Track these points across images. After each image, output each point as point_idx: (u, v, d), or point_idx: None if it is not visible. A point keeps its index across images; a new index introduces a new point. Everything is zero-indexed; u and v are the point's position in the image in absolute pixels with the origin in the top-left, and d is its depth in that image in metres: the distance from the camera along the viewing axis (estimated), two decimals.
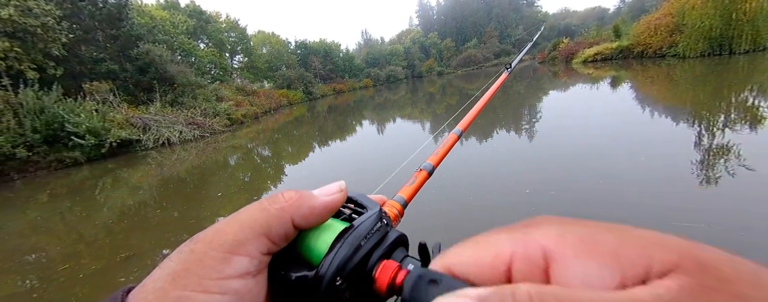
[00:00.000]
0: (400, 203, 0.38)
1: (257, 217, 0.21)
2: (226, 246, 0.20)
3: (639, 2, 42.13)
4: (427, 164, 0.50)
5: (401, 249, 0.26)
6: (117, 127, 9.74)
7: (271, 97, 22.30)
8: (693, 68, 10.84)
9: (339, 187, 0.25)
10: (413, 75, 48.00)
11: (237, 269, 0.20)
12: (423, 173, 0.47)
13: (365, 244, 0.23)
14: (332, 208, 0.24)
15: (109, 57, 12.50)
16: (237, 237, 0.20)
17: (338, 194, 0.25)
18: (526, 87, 14.18)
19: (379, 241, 0.24)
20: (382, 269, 0.23)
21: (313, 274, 0.22)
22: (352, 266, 0.22)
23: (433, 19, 61.40)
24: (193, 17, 24.68)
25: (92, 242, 3.59)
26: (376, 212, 0.25)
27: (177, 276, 0.19)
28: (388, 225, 0.26)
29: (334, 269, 0.22)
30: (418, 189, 0.43)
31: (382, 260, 0.24)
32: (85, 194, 5.76)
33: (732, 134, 3.86)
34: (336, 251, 0.22)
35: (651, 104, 6.55)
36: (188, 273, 0.19)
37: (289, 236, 0.23)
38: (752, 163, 2.95)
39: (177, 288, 0.18)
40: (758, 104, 5.10)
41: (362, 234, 0.23)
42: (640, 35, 17.05)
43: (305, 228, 0.23)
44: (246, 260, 0.20)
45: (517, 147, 4.88)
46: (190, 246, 0.20)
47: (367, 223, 0.24)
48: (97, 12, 12.32)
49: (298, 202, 0.23)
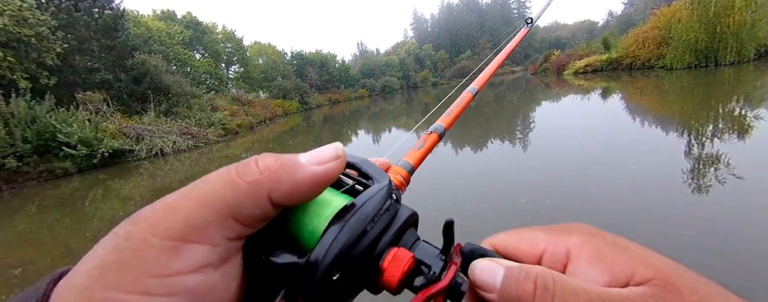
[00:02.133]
0: (406, 169, 0.33)
1: (222, 192, 0.16)
2: (175, 232, 0.15)
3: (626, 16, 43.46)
4: (438, 125, 0.43)
5: (411, 230, 0.22)
6: (109, 137, 9.64)
7: (266, 107, 22.29)
8: (681, 79, 11.11)
9: (335, 152, 0.20)
10: (408, 85, 48.44)
11: (191, 261, 0.15)
12: (433, 136, 0.40)
13: (372, 229, 0.19)
14: (325, 181, 0.19)
15: (103, 67, 12.47)
16: (192, 219, 0.15)
17: (334, 162, 0.19)
18: (520, 98, 14.39)
19: (388, 224, 0.20)
20: (392, 259, 0.19)
21: (303, 262, 0.17)
22: (355, 256, 0.18)
23: (428, 31, 62.45)
24: (189, 28, 24.84)
25: (82, 255, 3.48)
26: (385, 187, 0.20)
27: (107, 271, 0.14)
28: (399, 201, 0.21)
29: (330, 260, 0.17)
30: (427, 154, 0.37)
31: (391, 247, 0.20)
32: (75, 205, 5.64)
33: (721, 143, 3.93)
34: (334, 236, 0.17)
35: (641, 114, 6.67)
36: (122, 266, 0.14)
37: (266, 216, 0.18)
38: (741, 172, 3.00)
39: (106, 288, 0.14)
40: (745, 114, 5.22)
41: (368, 215, 0.19)
42: (629, 48, 17.50)
43: (289, 206, 0.18)
44: (204, 249, 0.15)
45: (512, 157, 4.92)
46: (125, 229, 0.15)
47: (374, 200, 0.19)
48: (92, 22, 12.35)
49: (277, 174, 0.17)
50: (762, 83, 8.10)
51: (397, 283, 0.19)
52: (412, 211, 0.22)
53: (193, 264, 0.15)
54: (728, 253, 1.96)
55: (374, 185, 0.21)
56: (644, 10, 32.08)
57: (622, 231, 0.69)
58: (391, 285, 0.19)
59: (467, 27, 57.54)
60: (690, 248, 2.06)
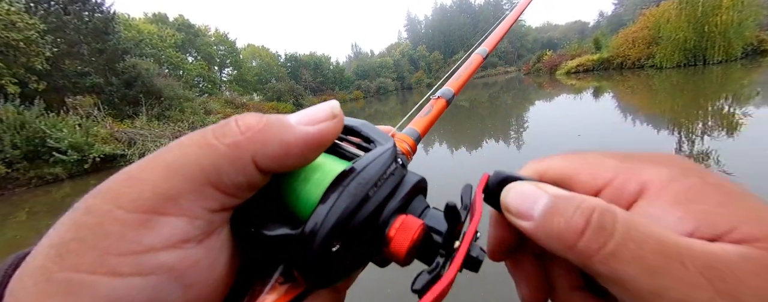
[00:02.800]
0: (412, 138, 0.30)
1: (195, 157, 0.14)
2: (142, 203, 0.13)
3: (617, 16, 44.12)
4: (446, 89, 0.40)
5: (420, 197, 0.20)
6: (101, 142, 9.50)
7: (260, 109, 22.18)
8: (670, 78, 11.29)
9: (331, 111, 0.17)
10: (403, 87, 48.58)
11: (165, 236, 0.13)
12: (441, 101, 0.37)
13: (375, 194, 0.17)
14: (319, 144, 0.16)
15: (94, 71, 12.31)
16: (161, 187, 0.13)
17: (329, 121, 0.17)
18: (514, 97, 14.51)
19: (393, 189, 0.18)
20: (400, 227, 0.17)
21: (298, 233, 0.15)
22: (356, 224, 0.16)
23: (422, 33, 62.75)
24: (181, 31, 24.68)
25: None
26: (389, 149, 0.19)
27: (66, 250, 0.12)
28: (405, 166, 0.19)
29: (328, 229, 0.15)
30: (435, 120, 0.35)
31: (398, 214, 0.18)
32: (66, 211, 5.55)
33: (711, 140, 4.00)
34: (333, 203, 0.15)
35: (632, 112, 6.76)
36: (83, 244, 0.12)
37: (253, 184, 0.15)
38: (730, 168, 3.06)
39: (65, 269, 0.12)
40: (733, 111, 5.32)
41: (371, 178, 0.17)
42: (619, 47, 17.75)
43: (277, 172, 0.16)
44: (180, 222, 0.13)
45: (506, 156, 4.95)
46: (86, 202, 0.13)
47: (377, 163, 0.17)
48: (82, 26, 12.20)
49: (262, 134, 0.15)
50: (749, 81, 8.26)
51: (406, 253, 0.17)
52: (420, 177, 0.20)
53: (167, 239, 0.13)
54: None
55: (377, 147, 0.19)
56: (634, 10, 32.61)
57: None
58: (399, 256, 0.17)
59: (460, 28, 57.92)
60: None
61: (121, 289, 0.12)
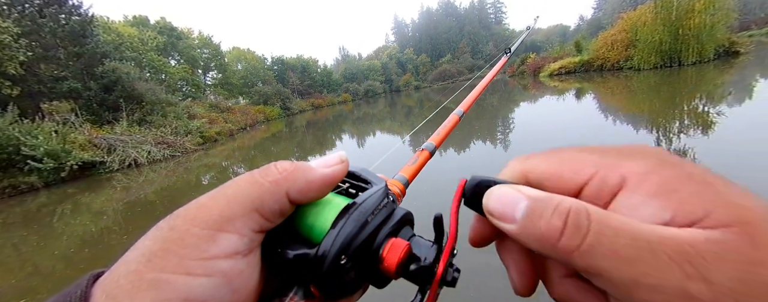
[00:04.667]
0: (402, 183, 0.35)
1: (247, 191, 0.19)
2: (211, 222, 0.18)
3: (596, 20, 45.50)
4: (428, 143, 0.46)
5: (408, 227, 0.24)
6: (78, 149, 9.17)
7: (246, 113, 21.86)
8: (648, 79, 11.69)
9: (339, 158, 0.23)
10: (391, 89, 48.75)
11: (224, 248, 0.17)
12: (425, 153, 0.44)
13: (372, 220, 0.21)
14: (332, 181, 0.22)
15: (71, 75, 11.89)
16: (224, 212, 0.18)
17: (339, 165, 0.22)
18: (499, 99, 14.74)
19: (386, 218, 0.22)
20: (390, 247, 0.21)
21: (314, 252, 0.20)
22: (358, 243, 0.20)
23: (409, 36, 63.22)
24: (163, 34, 24.13)
25: (49, 274, 3.30)
26: (382, 188, 0.23)
27: (154, 257, 0.16)
28: (395, 202, 0.24)
29: (338, 246, 0.20)
30: (420, 169, 0.41)
31: (390, 238, 0.22)
32: (42, 222, 5.32)
33: (687, 138, 4.16)
34: (340, 226, 0.20)
35: (613, 112, 6.97)
36: (167, 252, 0.16)
37: (284, 212, 0.20)
38: (706, 164, 3.17)
39: (154, 270, 0.16)
40: (708, 110, 5.55)
41: (369, 209, 0.21)
42: (599, 50, 18.30)
43: (302, 203, 0.21)
44: (235, 238, 0.18)
45: (493, 157, 5.02)
46: (169, 223, 0.18)
47: (373, 198, 0.22)
48: (58, 29, 11.78)
49: (293, 174, 0.20)
50: (722, 81, 8.64)
51: (396, 268, 0.21)
52: (407, 211, 0.24)
53: (226, 250, 0.17)
54: None
55: (373, 186, 0.24)
56: (612, 14, 33.72)
57: None
58: (390, 271, 0.21)
59: (447, 31, 58.65)
60: None
61: (193, 286, 0.16)
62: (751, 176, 2.82)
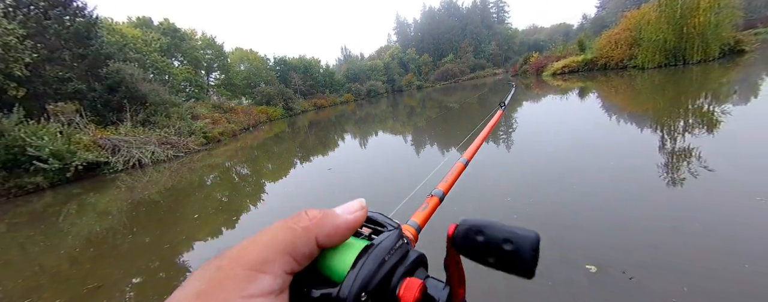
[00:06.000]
0: (414, 228, 0.38)
1: (281, 236, 0.21)
2: (250, 264, 0.20)
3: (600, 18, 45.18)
4: (437, 190, 0.50)
5: (422, 269, 0.25)
6: (83, 149, 9.25)
7: (249, 113, 21.93)
8: (652, 78, 11.61)
9: (360, 204, 0.26)
10: (393, 89, 48.71)
11: (261, 287, 0.19)
12: (434, 199, 0.47)
13: (389, 260, 0.23)
14: (355, 226, 0.24)
15: (76, 76, 11.99)
16: (261, 255, 0.20)
17: (360, 211, 0.25)
18: (502, 99, 14.66)
19: (401, 258, 0.24)
20: (406, 286, 0.23)
21: (336, 291, 0.21)
22: (377, 281, 0.22)
23: (411, 36, 63.11)
24: (167, 35, 24.25)
25: (56, 274, 3.33)
26: (397, 230, 0.25)
27: (203, 294, 0.18)
28: (408, 244, 0.25)
29: (359, 284, 0.21)
30: (430, 214, 0.43)
31: (405, 277, 0.23)
32: (48, 221, 5.37)
33: (692, 138, 4.12)
34: (360, 265, 0.22)
35: (617, 112, 6.92)
36: (214, 290, 0.19)
37: (312, 255, 0.22)
38: (711, 164, 3.15)
39: None
40: (713, 109, 5.50)
41: (386, 249, 0.23)
42: (603, 49, 18.19)
43: (328, 246, 0.23)
44: (270, 278, 0.20)
45: (496, 156, 5.00)
46: (216, 263, 0.20)
47: (389, 239, 0.24)
48: (63, 31, 11.88)
49: (322, 221, 0.23)
50: (727, 79, 8.56)
51: None
52: (421, 253, 0.26)
53: (263, 290, 0.19)
54: (703, 240, 2.04)
55: (388, 229, 0.26)
56: (616, 12, 33.47)
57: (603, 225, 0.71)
58: None
59: (449, 31, 58.50)
60: (668, 237, 2.14)
61: None
62: (754, 178, 2.80)
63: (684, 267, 1.86)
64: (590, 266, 2.00)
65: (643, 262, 1.96)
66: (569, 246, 2.25)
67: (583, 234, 2.38)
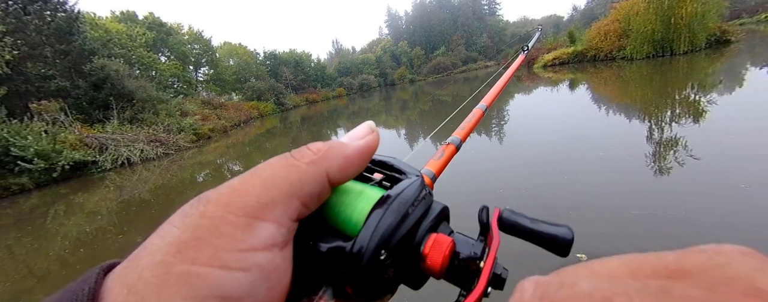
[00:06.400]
0: (430, 177, 0.34)
1: (284, 174, 0.17)
2: (248, 209, 0.16)
3: (589, 10, 45.47)
4: (454, 137, 0.45)
5: (445, 223, 0.22)
6: (69, 148, 9.04)
7: (240, 109, 21.66)
8: (640, 69, 11.76)
9: (369, 127, 0.22)
10: (386, 83, 48.52)
11: (263, 238, 0.15)
12: (451, 147, 0.42)
13: (413, 213, 0.20)
14: (368, 152, 0.20)
15: (59, 73, 11.64)
16: (262, 197, 0.16)
17: (371, 135, 0.21)
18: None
19: (425, 212, 0.21)
20: (433, 243, 0.20)
21: (350, 245, 0.18)
22: (399, 237, 0.19)
23: (403, 29, 62.67)
24: (152, 29, 23.67)
25: (45, 276, 3.27)
26: (419, 179, 0.22)
27: (184, 247, 0.14)
28: (432, 195, 0.22)
29: (378, 239, 0.18)
30: (446, 163, 0.39)
31: (430, 233, 0.20)
32: (35, 223, 5.26)
33: (679, 127, 4.20)
34: (380, 217, 0.18)
35: (606, 102, 7.01)
36: (199, 242, 0.14)
37: (322, 195, 0.19)
38: (698, 152, 3.22)
39: (184, 262, 0.14)
40: (699, 99, 5.60)
41: (408, 200, 0.20)
42: (592, 40, 18.31)
43: (341, 182, 0.19)
44: (273, 227, 0.16)
45: (489, 148, 5.03)
46: (198, 209, 0.16)
47: (411, 189, 0.20)
48: (44, 26, 11.49)
49: (329, 152, 0.19)
50: (713, 69, 8.71)
51: (440, 266, 0.19)
52: (444, 205, 0.22)
53: (264, 241, 0.15)
54: (690, 227, 2.10)
55: (408, 177, 0.22)
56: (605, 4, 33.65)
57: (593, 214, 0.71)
58: (434, 269, 0.20)
59: (440, 24, 58.23)
60: (656, 225, 2.19)
61: (228, 281, 0.14)
62: (739, 165, 2.87)
63: None
64: (581, 254, 2.04)
65: (630, 249, 1.98)
66: None
67: (574, 223, 2.41)
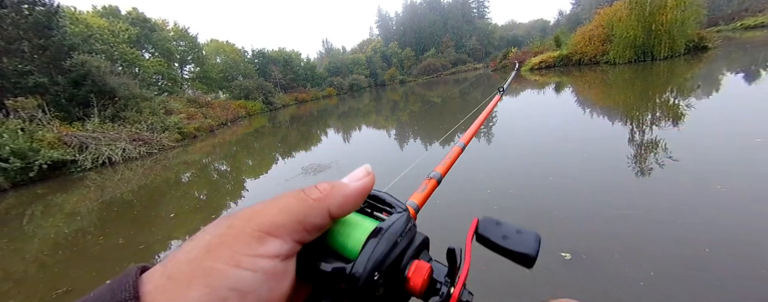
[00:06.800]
0: (413, 209, 0.38)
1: (295, 205, 0.22)
2: (262, 226, 0.20)
3: (575, 15, 46.54)
4: (435, 173, 0.50)
5: (426, 251, 0.26)
6: (47, 147, 8.73)
7: (227, 108, 21.32)
8: (623, 73, 12.11)
9: (366, 170, 0.26)
10: (376, 84, 48.53)
11: (270, 249, 0.20)
12: (432, 181, 0.48)
13: (400, 242, 0.24)
14: (364, 192, 0.25)
15: (37, 69, 11.21)
16: (275, 219, 0.21)
17: (367, 177, 0.25)
18: (483, 93, 14.94)
19: (410, 241, 0.25)
20: (415, 268, 0.24)
21: (350, 267, 0.22)
22: (389, 262, 0.23)
23: (393, 30, 62.82)
24: (135, 25, 23.07)
25: (22, 279, 3.15)
26: (406, 213, 0.26)
27: (212, 249, 0.19)
28: (416, 226, 0.26)
29: (373, 262, 0.22)
30: (428, 196, 0.43)
31: (413, 260, 0.25)
32: (11, 224, 5.05)
33: (659, 130, 4.35)
34: (375, 245, 0.23)
35: (590, 105, 7.20)
36: (222, 246, 0.19)
37: (323, 226, 0.23)
38: (676, 155, 3.35)
39: (210, 260, 0.18)
40: (678, 103, 5.81)
41: (397, 232, 0.24)
42: (577, 45, 18.76)
43: (340, 216, 0.24)
44: (279, 242, 0.21)
45: (477, 149, 5.10)
46: (227, 222, 0.21)
47: (399, 222, 0.24)
48: (21, 20, 11.05)
49: (332, 192, 0.23)
50: (692, 74, 9.05)
51: (420, 288, 0.24)
52: (425, 236, 0.27)
53: (270, 252, 0.20)
54: (669, 227, 2.18)
55: (397, 211, 0.26)
56: (590, 9, 34.53)
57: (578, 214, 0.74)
58: (415, 290, 0.24)
59: (431, 25, 58.63)
60: (637, 225, 2.27)
61: (240, 277, 0.19)
62: (715, 168, 2.99)
63: (651, 253, 1.98)
64: (565, 253, 2.09)
65: (613, 249, 2.08)
66: (544, 236, 2.35)
67: (559, 224, 2.48)
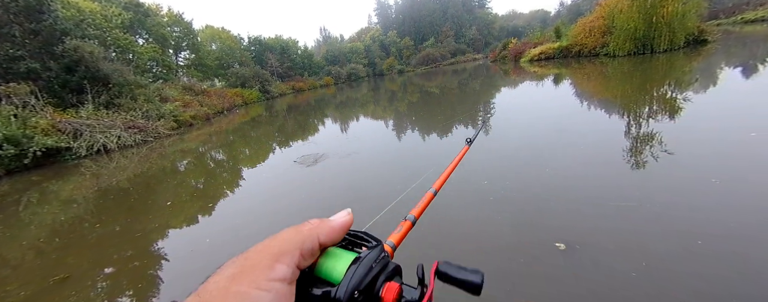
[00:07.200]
0: (390, 247, 0.44)
1: (294, 236, 0.28)
2: (273, 256, 0.26)
3: (576, 6, 45.97)
4: (410, 216, 0.57)
5: (398, 277, 0.33)
6: (41, 134, 8.62)
7: (223, 96, 21.11)
8: (622, 66, 12.07)
9: (347, 212, 0.34)
10: (374, 73, 48.10)
11: (279, 274, 0.25)
12: (408, 223, 0.54)
13: (374, 267, 0.30)
14: (345, 227, 0.32)
15: (28, 54, 10.96)
16: (281, 248, 0.27)
17: (347, 216, 0.33)
18: (481, 84, 14.87)
19: (383, 267, 0.31)
20: (387, 289, 0.30)
21: (335, 290, 0.27)
22: (366, 283, 0.29)
23: (392, 18, 61.93)
24: (129, 10, 22.53)
25: (19, 265, 3.16)
26: (380, 246, 0.33)
27: (235, 277, 0.24)
28: (388, 256, 0.33)
29: (353, 284, 0.28)
30: (404, 236, 0.51)
31: (386, 282, 0.31)
32: (6, 211, 5.03)
33: (655, 123, 4.37)
34: (353, 270, 0.29)
35: (588, 98, 7.19)
36: (243, 274, 0.24)
37: (315, 252, 0.29)
38: (672, 148, 3.37)
39: (236, 285, 0.24)
40: (675, 96, 5.82)
41: (372, 259, 0.31)
42: (577, 36, 18.62)
43: (328, 245, 0.31)
44: (285, 267, 0.26)
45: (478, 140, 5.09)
46: (244, 255, 0.27)
47: (374, 252, 0.32)
48: (12, 3, 10.73)
49: (321, 224, 0.31)
50: (690, 68, 9.04)
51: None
52: (397, 264, 0.34)
53: (279, 276, 0.25)
54: (663, 219, 2.21)
55: (372, 244, 0.33)
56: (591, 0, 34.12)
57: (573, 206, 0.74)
58: None
59: (430, 14, 57.82)
60: (631, 217, 2.30)
61: (260, 298, 0.23)
62: (710, 161, 3.01)
63: (644, 244, 2.02)
64: (559, 244, 2.12)
65: (606, 240, 2.11)
66: (540, 227, 2.38)
67: (554, 215, 2.51)
